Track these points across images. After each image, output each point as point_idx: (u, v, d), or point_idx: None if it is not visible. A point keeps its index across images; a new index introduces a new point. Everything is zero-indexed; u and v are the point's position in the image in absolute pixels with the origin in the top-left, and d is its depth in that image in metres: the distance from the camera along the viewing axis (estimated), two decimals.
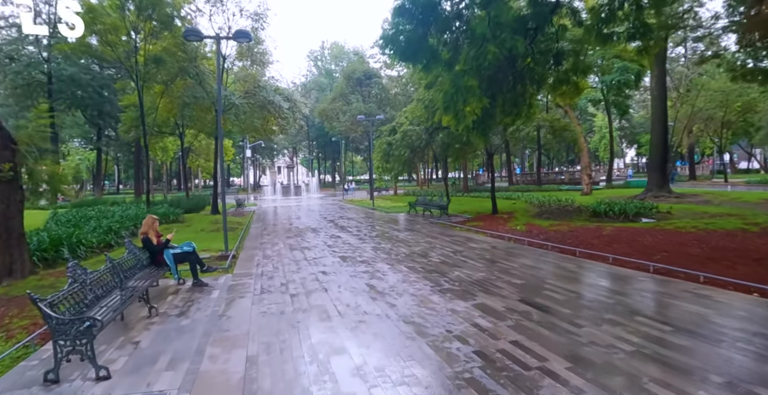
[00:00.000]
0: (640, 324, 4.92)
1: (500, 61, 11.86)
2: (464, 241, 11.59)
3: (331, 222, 17.60)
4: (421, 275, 7.67)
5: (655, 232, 11.68)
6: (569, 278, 7.17)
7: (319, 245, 11.59)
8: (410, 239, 12.29)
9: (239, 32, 10.87)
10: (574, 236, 11.59)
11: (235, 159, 79.65)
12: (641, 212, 15.33)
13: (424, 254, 9.78)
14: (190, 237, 14.26)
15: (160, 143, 37.35)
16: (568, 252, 9.40)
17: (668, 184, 24.24)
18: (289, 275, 8.10)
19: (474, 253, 9.71)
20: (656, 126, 24.87)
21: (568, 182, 46.19)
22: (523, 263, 8.55)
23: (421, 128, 17.86)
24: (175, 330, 5.36)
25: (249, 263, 9.40)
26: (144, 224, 7.42)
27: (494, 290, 6.50)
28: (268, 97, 21.59)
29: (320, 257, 9.77)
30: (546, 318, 5.21)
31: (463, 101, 10.63)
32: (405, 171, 20.60)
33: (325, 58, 70.22)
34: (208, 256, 10.50)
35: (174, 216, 19.59)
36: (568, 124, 20.11)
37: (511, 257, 9.17)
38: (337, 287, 7.03)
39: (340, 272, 8.20)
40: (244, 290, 7.07)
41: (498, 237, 12.05)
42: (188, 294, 7.00)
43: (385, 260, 9.21)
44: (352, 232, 14.28)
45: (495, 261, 8.73)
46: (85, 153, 64.60)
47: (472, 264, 8.46)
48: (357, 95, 31.98)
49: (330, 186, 68.14)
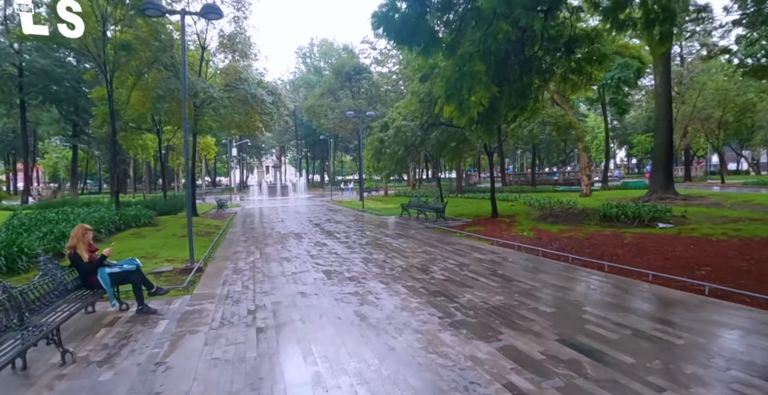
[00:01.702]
0: (747, 386, 3.48)
1: (510, 44, 10.43)
2: (468, 250, 10.13)
3: (317, 226, 16.04)
4: (425, 299, 6.17)
5: (683, 240, 10.33)
6: (611, 305, 5.73)
7: (301, 256, 10.03)
8: (405, 247, 10.79)
9: (208, 7, 9.28)
10: (592, 245, 10.19)
11: (221, 158, 77.66)
12: (657, 216, 14.03)
13: (424, 268, 8.28)
14: (158, 243, 12.63)
15: (140, 141, 35.51)
16: (594, 266, 7.98)
17: (673, 185, 23.05)
18: (260, 297, 6.55)
19: (483, 267, 8.24)
20: (661, 125, 23.71)
21: (562, 183, 45.15)
22: (546, 281, 7.10)
23: (416, 124, 16.38)
24: (87, 390, 3.80)
25: (215, 280, 7.83)
26: (72, 237, 5.81)
27: (521, 324, 5.03)
28: (249, 90, 19.91)
29: (301, 272, 8.22)
30: (605, 373, 3.75)
31: (468, 89, 9.16)
32: (398, 171, 19.11)
33: (314, 55, 68.42)
34: (169, 269, 8.91)
35: (146, 219, 17.86)
36: (573, 121, 18.78)
37: (528, 273, 7.73)
38: (318, 317, 5.51)
39: (323, 293, 6.66)
40: (200, 321, 5.51)
41: (505, 246, 10.61)
42: (127, 327, 5.43)
43: (378, 276, 7.70)
44: (340, 238, 12.75)
45: (511, 279, 7.26)
46: (63, 151, 62.09)
47: (485, 283, 6.99)
48: (346, 91, 30.41)
49: (318, 186, 66.45)
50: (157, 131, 26.79)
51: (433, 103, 16.61)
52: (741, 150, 59.21)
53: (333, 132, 35.58)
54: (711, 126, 38.59)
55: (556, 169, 67.59)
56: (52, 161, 65.34)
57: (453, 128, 18.65)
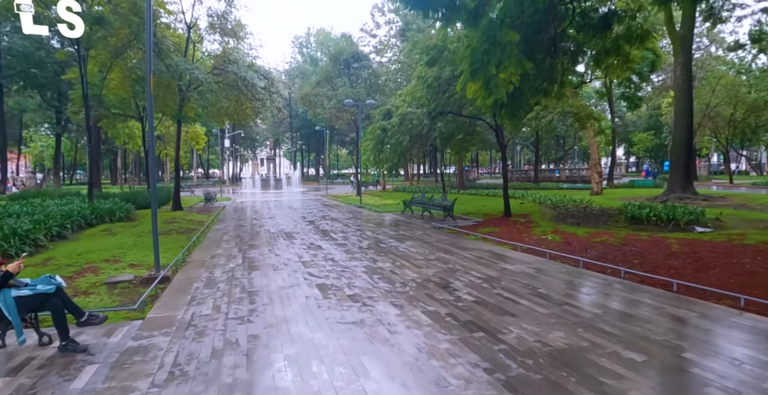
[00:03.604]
0: None
1: (543, 15, 8.79)
2: (491, 258, 8.51)
3: (310, 224, 14.37)
4: (457, 334, 4.53)
5: (741, 249, 8.77)
6: (717, 348, 4.13)
7: (291, 263, 8.38)
8: (415, 253, 9.16)
9: None
10: (636, 254, 8.61)
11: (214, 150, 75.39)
12: (693, 219, 12.50)
13: (444, 283, 6.66)
14: (127, 243, 10.91)
15: (126, 129, 33.66)
16: (654, 283, 6.40)
17: (692, 185, 21.58)
18: (232, 326, 4.90)
19: (517, 282, 6.62)
20: (680, 119, 22.19)
21: (565, 180, 43.69)
22: (607, 305, 5.50)
23: (423, 112, 14.70)
24: None
25: (180, 297, 6.15)
26: None
27: (610, 385, 3.42)
28: (239, 73, 18.09)
29: (290, 287, 6.57)
30: None
31: (496, 64, 7.52)
32: (402, 164, 17.44)
33: (311, 45, 66.21)
34: (129, 278, 7.24)
35: (122, 214, 16.15)
36: (594, 112, 17.18)
37: (578, 293, 6.13)
38: (311, 365, 3.88)
39: (318, 321, 5.02)
40: (141, 370, 3.86)
41: (532, 252, 9.01)
42: (36, 376, 3.78)
43: (388, 294, 6.06)
44: (338, 240, 11.09)
45: (561, 301, 5.65)
46: (50, 140, 59.72)
47: (529, 308, 5.37)
48: (344, 79, 28.54)
49: (313, 180, 64.62)
50: (141, 119, 24.95)
51: (442, 88, 14.96)
52: (741, 150, 58.13)
53: (329, 123, 33.75)
54: (720, 124, 37.21)
55: (553, 166, 66.22)
56: (37, 150, 62.89)
57: (462, 118, 17.02)
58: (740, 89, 34.21)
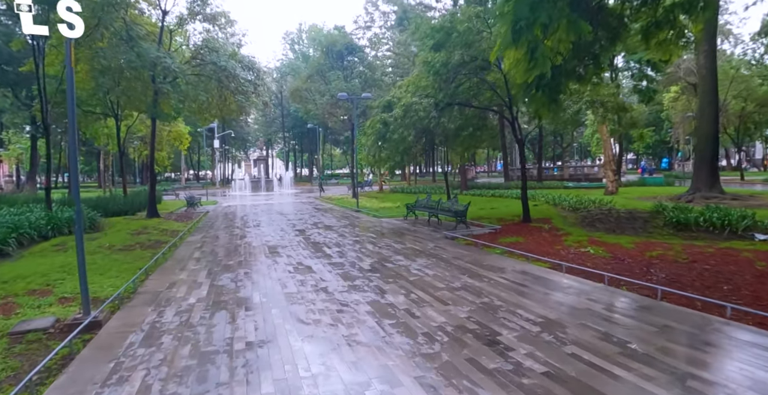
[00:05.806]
0: None
1: None
2: (536, 285, 6.50)
3: (300, 235, 12.31)
4: None
5: None
6: None
7: (272, 295, 6.34)
8: (433, 277, 7.13)
9: None
10: (716, 275, 6.65)
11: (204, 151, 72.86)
12: (750, 224, 10.60)
13: (488, 333, 4.64)
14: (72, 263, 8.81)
15: (105, 129, 31.43)
16: None
17: (719, 182, 19.78)
18: None
19: (592, 331, 4.61)
20: (705, 111, 20.48)
21: (569, 178, 41.86)
22: (758, 378, 3.53)
23: (429, 102, 12.69)
24: None
25: (96, 368, 4.09)
26: None
27: None
28: (218, 62, 15.96)
29: (264, 343, 4.53)
30: None
31: (544, 25, 5.54)
32: (405, 163, 15.42)
33: (303, 41, 63.94)
34: (45, 324, 5.24)
35: (86, 223, 14.08)
36: (625, 103, 15.28)
37: (694, 349, 4.13)
38: None
39: None
40: None
41: (584, 274, 6.99)
42: None
43: (409, 357, 4.05)
44: (332, 257, 9.05)
45: (675, 369, 3.65)
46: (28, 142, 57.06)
47: (636, 386, 3.38)
48: (337, 72, 26.47)
49: (306, 181, 62.44)
50: (115, 116, 22.76)
51: (450, 76, 12.97)
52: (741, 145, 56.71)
53: (322, 120, 31.67)
54: (731, 118, 35.61)
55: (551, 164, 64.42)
56: (16, 153, 60.06)
57: (471, 111, 15.05)
58: (753, 81, 32.63)
